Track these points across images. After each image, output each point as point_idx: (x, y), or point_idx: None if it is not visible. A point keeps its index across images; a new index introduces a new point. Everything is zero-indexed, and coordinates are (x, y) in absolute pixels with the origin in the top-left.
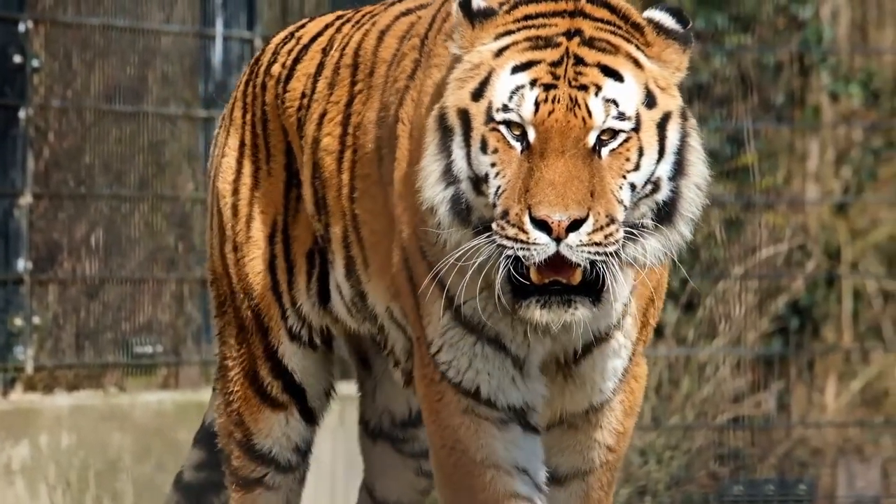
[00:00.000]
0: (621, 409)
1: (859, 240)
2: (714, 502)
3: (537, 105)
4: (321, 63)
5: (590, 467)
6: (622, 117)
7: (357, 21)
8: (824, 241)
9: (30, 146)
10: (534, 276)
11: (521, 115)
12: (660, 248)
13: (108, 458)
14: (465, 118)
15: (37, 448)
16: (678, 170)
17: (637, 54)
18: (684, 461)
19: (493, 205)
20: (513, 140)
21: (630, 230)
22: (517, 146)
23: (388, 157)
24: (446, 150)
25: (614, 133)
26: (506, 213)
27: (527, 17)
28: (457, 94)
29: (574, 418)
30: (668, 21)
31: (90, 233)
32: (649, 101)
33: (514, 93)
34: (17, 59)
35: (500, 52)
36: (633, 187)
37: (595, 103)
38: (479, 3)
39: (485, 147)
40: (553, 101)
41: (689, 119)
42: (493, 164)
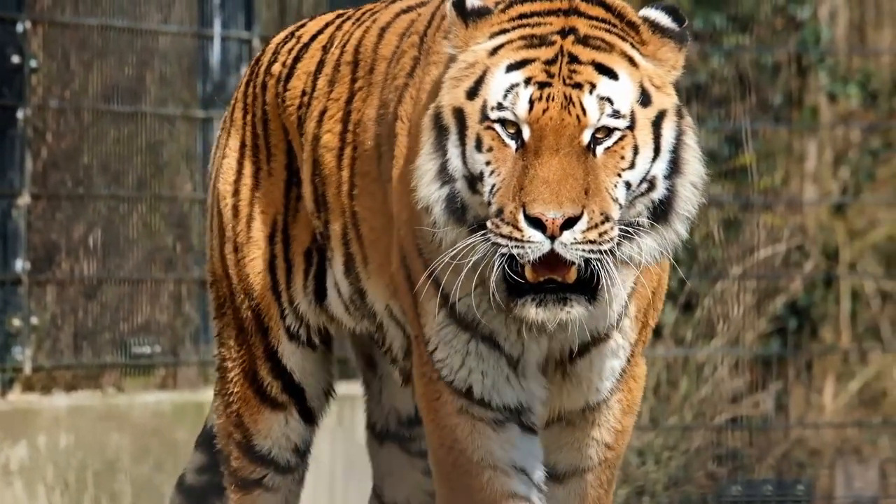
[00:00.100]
0: (619, 407)
1: (857, 240)
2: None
3: (532, 103)
4: (321, 61)
5: (588, 465)
6: (617, 115)
7: (358, 18)
8: (822, 241)
9: (28, 146)
10: (529, 275)
11: (515, 114)
12: (655, 246)
13: (107, 459)
14: (460, 117)
15: (35, 448)
16: (674, 168)
17: (632, 52)
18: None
19: (488, 203)
20: (508, 138)
21: (626, 229)
22: (512, 144)
23: (388, 154)
24: (441, 149)
25: (609, 131)
26: (500, 212)
27: (521, 16)
28: (452, 94)
29: (572, 416)
30: (664, 19)
31: (88, 233)
32: (644, 99)
33: (508, 91)
34: (16, 59)
35: (494, 51)
36: (628, 185)
37: (589, 101)
38: (472, 2)
39: (480, 145)
40: (547, 99)
41: (685, 117)
42: (487, 163)
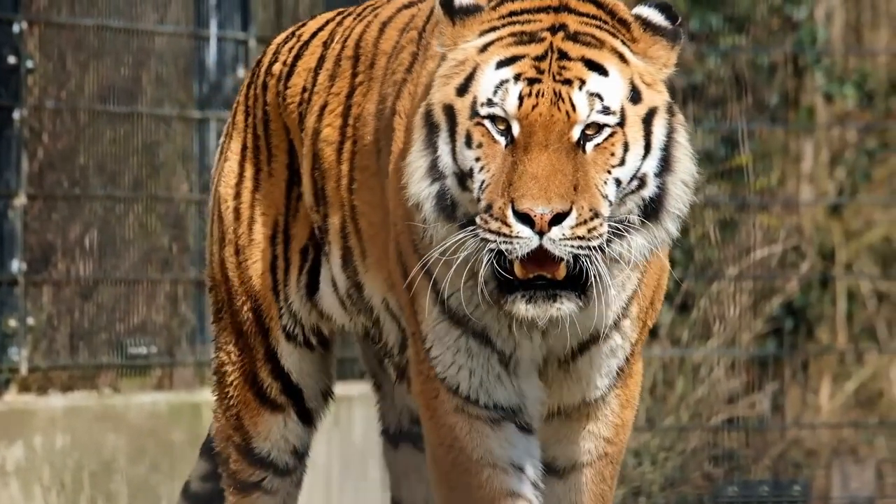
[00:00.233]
0: (617, 402)
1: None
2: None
3: (521, 99)
4: (322, 56)
5: (587, 459)
6: (606, 111)
7: (359, 14)
8: (818, 242)
9: (24, 147)
10: (518, 271)
11: (505, 110)
12: (646, 244)
13: (103, 459)
14: (450, 114)
15: (31, 449)
16: (665, 166)
17: (623, 49)
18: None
19: (478, 199)
20: (497, 134)
21: (616, 226)
22: (501, 140)
23: (386, 149)
24: (432, 146)
25: (599, 127)
26: (489, 207)
27: (512, 14)
28: (442, 91)
29: (569, 410)
30: (656, 17)
31: (84, 234)
32: (634, 96)
33: (498, 87)
34: (12, 59)
35: (484, 48)
36: (618, 182)
37: (579, 97)
38: (461, 0)
39: (469, 142)
40: (537, 95)
41: (676, 115)
42: (477, 159)
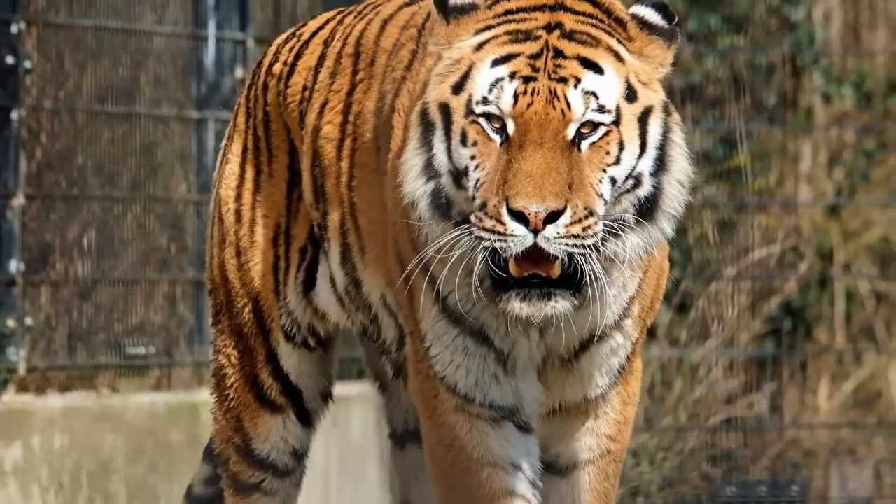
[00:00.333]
0: (619, 399)
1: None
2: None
3: (516, 97)
4: (323, 54)
5: (589, 456)
6: (602, 110)
7: (360, 12)
8: (817, 242)
9: (22, 147)
10: (513, 270)
11: (500, 108)
12: (641, 244)
13: (101, 460)
14: (445, 112)
15: (29, 449)
16: (660, 165)
17: (618, 48)
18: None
19: (473, 197)
20: (492, 132)
21: (611, 225)
22: (497, 139)
23: (385, 146)
24: (427, 144)
25: (594, 126)
26: (484, 205)
27: (507, 12)
28: (438, 89)
29: (571, 407)
30: (653, 16)
31: (83, 234)
32: (630, 95)
33: (493, 85)
34: (10, 60)
35: (479, 47)
36: (613, 181)
37: (574, 95)
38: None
39: (465, 140)
40: (532, 93)
41: (672, 114)
42: (472, 157)
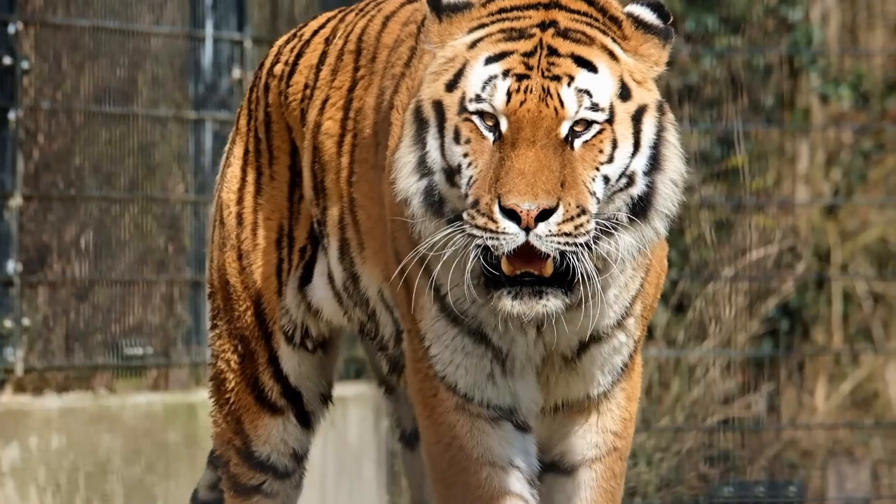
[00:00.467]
0: (624, 395)
1: (849, 242)
2: None
3: (509, 95)
4: (324, 52)
5: (597, 454)
6: (595, 108)
7: (362, 10)
8: (814, 242)
9: (19, 148)
10: (505, 268)
11: (493, 106)
12: (633, 243)
13: (98, 460)
14: (439, 110)
15: (27, 450)
16: (654, 164)
17: (613, 46)
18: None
19: (465, 195)
20: (485, 130)
21: (604, 224)
22: (490, 136)
23: (383, 143)
24: (421, 141)
25: (587, 124)
26: (476, 203)
27: (501, 11)
28: (432, 87)
29: (575, 404)
30: (648, 16)
31: (80, 234)
32: (624, 94)
33: (486, 83)
34: (7, 60)
35: (473, 45)
36: (606, 180)
37: (567, 93)
38: None
39: (458, 137)
40: (525, 91)
41: (667, 113)
42: (465, 155)
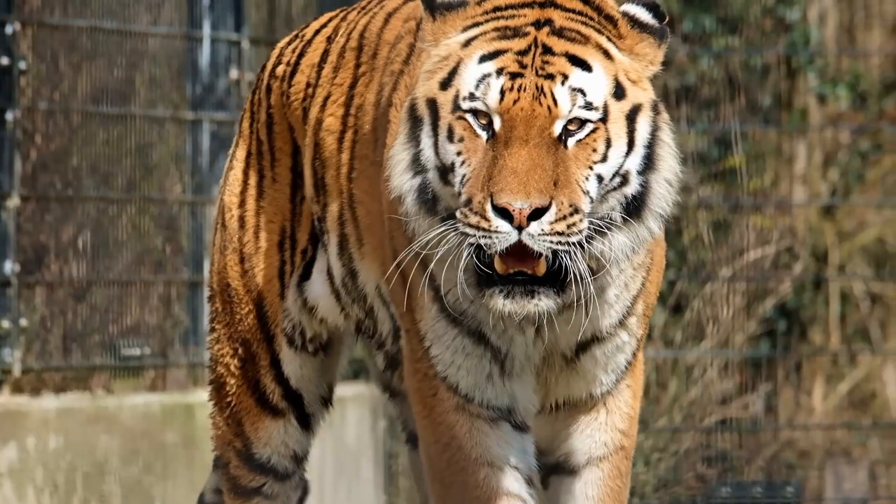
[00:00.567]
0: (630, 392)
1: (846, 242)
2: None
3: (503, 93)
4: (326, 51)
5: (604, 453)
6: (589, 107)
7: (364, 7)
8: (812, 243)
9: (17, 148)
10: (498, 267)
11: (486, 104)
12: (627, 242)
13: (96, 461)
14: (433, 107)
15: (24, 450)
16: (648, 164)
17: (608, 46)
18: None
19: (458, 193)
20: (479, 128)
21: (598, 223)
22: (483, 135)
23: (382, 140)
24: (415, 139)
25: (581, 123)
26: (469, 201)
27: (496, 9)
28: (426, 85)
29: (578, 403)
30: (643, 15)
31: (77, 235)
32: (618, 93)
33: (480, 81)
34: (5, 60)
35: (467, 43)
36: (600, 179)
37: (561, 92)
38: None
39: (451, 135)
40: (519, 89)
41: (662, 113)
42: (458, 153)
